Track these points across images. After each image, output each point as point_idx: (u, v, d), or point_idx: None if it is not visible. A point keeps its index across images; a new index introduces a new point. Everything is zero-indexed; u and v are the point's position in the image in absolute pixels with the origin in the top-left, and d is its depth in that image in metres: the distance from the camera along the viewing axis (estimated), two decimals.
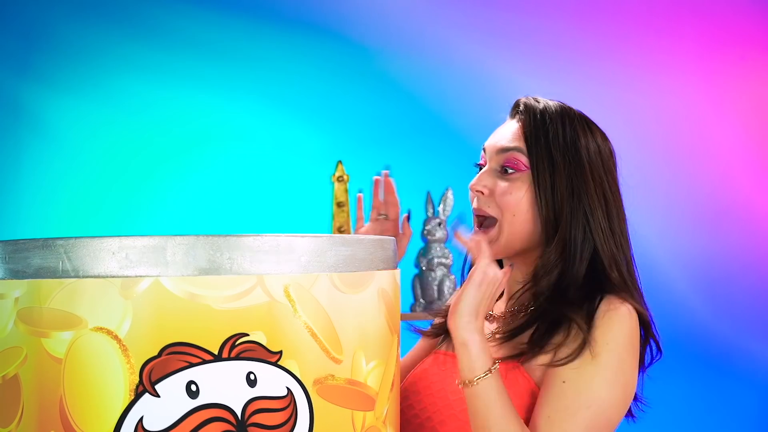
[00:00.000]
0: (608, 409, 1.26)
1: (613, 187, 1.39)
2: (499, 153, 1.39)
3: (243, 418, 0.98)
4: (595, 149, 1.38)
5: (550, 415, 1.24)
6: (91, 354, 0.96)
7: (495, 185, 1.37)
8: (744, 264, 3.31)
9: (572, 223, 1.34)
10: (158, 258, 0.97)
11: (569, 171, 1.35)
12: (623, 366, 1.28)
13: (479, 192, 1.38)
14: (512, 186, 1.36)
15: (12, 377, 1.00)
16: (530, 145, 1.36)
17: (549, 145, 1.36)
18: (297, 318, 1.01)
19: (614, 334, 1.27)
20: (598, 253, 1.35)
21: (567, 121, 1.38)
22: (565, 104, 1.43)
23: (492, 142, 1.41)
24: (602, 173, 1.38)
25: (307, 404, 1.02)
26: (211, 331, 0.97)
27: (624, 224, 1.41)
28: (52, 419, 0.97)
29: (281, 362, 1.00)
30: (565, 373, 1.26)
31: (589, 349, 1.26)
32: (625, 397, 1.29)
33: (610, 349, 1.26)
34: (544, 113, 1.38)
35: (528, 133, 1.37)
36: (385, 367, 1.13)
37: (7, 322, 1.00)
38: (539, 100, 1.43)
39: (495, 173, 1.38)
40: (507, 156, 1.37)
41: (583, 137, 1.38)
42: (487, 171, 1.39)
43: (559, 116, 1.39)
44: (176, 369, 0.96)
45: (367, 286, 1.10)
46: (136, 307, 0.96)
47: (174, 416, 0.96)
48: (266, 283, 0.99)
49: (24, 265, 0.99)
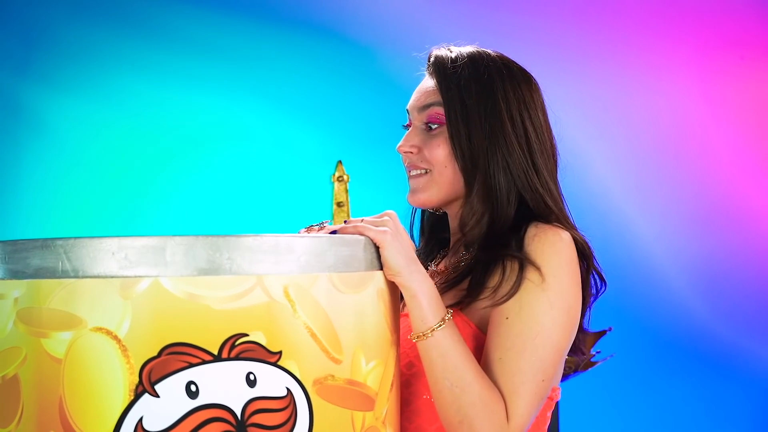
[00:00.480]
0: (554, 334, 1.24)
1: (536, 124, 1.37)
2: (420, 111, 1.40)
3: (243, 418, 0.98)
4: (511, 87, 1.37)
5: (501, 356, 1.22)
6: (90, 354, 0.96)
7: (422, 143, 1.38)
8: (743, 264, 3.32)
9: (492, 166, 1.33)
10: (158, 258, 0.97)
11: (483, 115, 1.34)
12: (562, 288, 1.25)
13: (408, 152, 1.39)
14: (438, 140, 1.37)
15: (12, 377, 1.00)
16: (443, 96, 1.37)
17: (461, 93, 1.35)
18: (296, 318, 1.01)
19: (547, 257, 1.25)
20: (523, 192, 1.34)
21: (479, 65, 1.38)
22: (481, 48, 1.42)
23: (412, 102, 1.42)
24: (521, 110, 1.36)
25: (307, 404, 1.02)
26: (211, 332, 0.97)
27: (552, 161, 1.39)
28: (52, 419, 0.97)
29: (281, 362, 1.00)
30: (507, 308, 1.24)
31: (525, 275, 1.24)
32: (569, 320, 1.26)
33: (545, 272, 1.24)
34: (455, 62, 1.39)
35: (440, 85, 1.38)
36: (385, 367, 1.13)
37: (6, 322, 1.00)
38: (452, 49, 1.43)
39: (420, 131, 1.40)
40: (428, 112, 1.38)
41: (498, 79, 1.37)
42: (412, 130, 1.40)
43: (470, 62, 1.38)
44: (176, 369, 0.96)
45: (367, 286, 1.10)
46: (136, 308, 0.96)
47: (174, 416, 0.96)
48: (266, 283, 0.99)
49: (23, 266, 0.99)
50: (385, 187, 3.12)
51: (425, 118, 1.39)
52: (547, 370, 1.23)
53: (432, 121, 1.38)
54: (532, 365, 1.21)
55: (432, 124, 1.38)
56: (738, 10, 3.33)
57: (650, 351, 3.17)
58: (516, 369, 1.21)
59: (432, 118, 1.38)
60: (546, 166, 1.36)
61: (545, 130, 1.39)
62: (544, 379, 1.22)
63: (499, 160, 1.33)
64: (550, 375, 1.24)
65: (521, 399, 1.20)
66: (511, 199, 1.33)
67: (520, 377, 1.21)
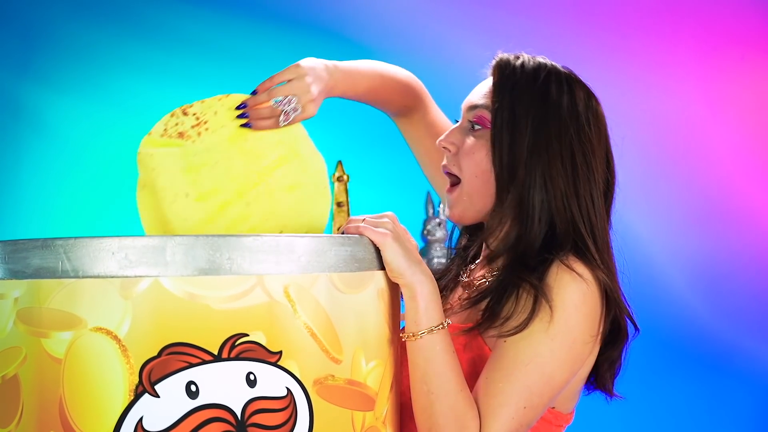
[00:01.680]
0: (549, 365, 1.19)
1: (586, 149, 1.29)
2: (469, 110, 1.36)
3: (243, 418, 0.98)
4: (569, 106, 1.30)
5: (488, 376, 1.19)
6: (90, 354, 0.96)
7: (462, 143, 1.34)
8: (743, 264, 3.31)
9: (528, 181, 1.27)
10: (158, 258, 0.97)
11: (531, 126, 1.28)
12: (569, 323, 1.20)
13: (446, 148, 1.36)
14: (476, 144, 1.32)
15: (12, 377, 1.00)
16: (495, 99, 1.31)
17: (513, 101, 1.30)
18: (297, 318, 1.01)
19: (562, 296, 1.20)
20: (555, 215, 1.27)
21: (540, 76, 1.32)
22: (551, 61, 1.37)
23: (465, 100, 1.38)
24: (573, 133, 1.28)
25: (307, 404, 1.02)
26: (211, 332, 0.97)
27: (597, 190, 1.30)
28: (52, 419, 0.97)
29: (281, 362, 1.00)
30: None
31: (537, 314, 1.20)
32: (572, 355, 1.21)
33: (556, 306, 1.20)
34: (516, 68, 1.33)
35: (495, 87, 1.33)
36: (385, 367, 1.13)
37: (6, 322, 1.00)
38: (520, 55, 1.37)
39: (464, 130, 1.35)
40: (475, 113, 1.34)
41: (556, 93, 1.31)
42: (457, 127, 1.36)
43: (532, 71, 1.33)
44: (176, 369, 0.96)
45: (367, 286, 1.10)
46: (136, 308, 0.96)
47: (174, 416, 0.96)
48: (266, 283, 0.99)
49: (23, 265, 0.99)
50: (385, 187, 3.12)
51: (472, 117, 1.34)
52: (532, 399, 1.19)
53: (476, 121, 1.33)
54: (516, 390, 1.18)
55: (476, 125, 1.33)
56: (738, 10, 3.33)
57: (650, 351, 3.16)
58: (498, 390, 1.18)
59: (477, 119, 1.33)
60: (590, 195, 1.28)
61: (598, 159, 1.31)
62: (526, 406, 1.18)
63: (537, 177, 1.26)
64: (534, 404, 1.19)
65: (496, 422, 1.16)
66: (543, 220, 1.27)
67: (500, 399, 1.17)
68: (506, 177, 1.28)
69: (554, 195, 1.27)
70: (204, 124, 1.30)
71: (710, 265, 3.29)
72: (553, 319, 1.20)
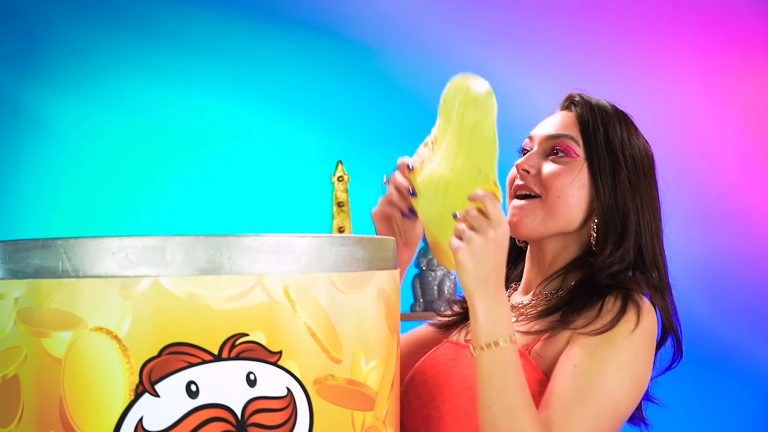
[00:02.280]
0: (616, 394, 1.23)
1: (656, 188, 1.44)
2: (549, 139, 1.40)
3: (243, 418, 0.98)
4: (643, 149, 1.42)
5: (560, 396, 1.21)
6: (91, 354, 0.96)
7: (541, 166, 1.38)
8: (744, 264, 3.32)
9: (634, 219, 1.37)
10: (158, 258, 0.97)
11: (628, 167, 1.38)
12: (638, 358, 1.26)
13: (525, 171, 1.39)
14: (563, 169, 1.37)
15: (12, 377, 1.00)
16: (587, 135, 1.38)
17: (609, 140, 1.38)
18: (297, 318, 1.01)
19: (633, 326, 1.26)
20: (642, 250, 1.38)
21: (620, 119, 1.42)
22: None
23: (542, 131, 1.42)
24: (651, 173, 1.42)
25: (307, 404, 1.02)
26: (211, 331, 0.97)
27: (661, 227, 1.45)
28: (52, 419, 0.97)
29: (281, 362, 1.00)
30: (577, 357, 1.24)
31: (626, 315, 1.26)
32: (636, 390, 1.27)
33: (624, 337, 1.25)
34: (598, 107, 1.41)
35: (584, 123, 1.39)
36: (385, 367, 1.13)
37: (7, 322, 1.00)
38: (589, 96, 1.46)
39: (542, 156, 1.40)
40: (558, 141, 1.39)
41: (634, 137, 1.42)
42: (535, 153, 1.40)
43: (614, 113, 1.42)
44: (176, 369, 0.96)
45: (367, 286, 1.10)
46: (136, 307, 0.96)
47: (174, 416, 0.96)
48: (266, 283, 0.99)
49: (24, 265, 0.99)
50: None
51: (553, 145, 1.39)
52: (601, 426, 1.21)
53: (561, 148, 1.38)
54: (589, 414, 1.20)
55: (560, 152, 1.38)
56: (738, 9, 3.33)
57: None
58: (571, 411, 1.20)
59: (562, 147, 1.38)
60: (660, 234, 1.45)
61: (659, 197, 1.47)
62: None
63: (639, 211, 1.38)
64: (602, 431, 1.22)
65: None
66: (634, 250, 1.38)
67: (574, 420, 1.19)
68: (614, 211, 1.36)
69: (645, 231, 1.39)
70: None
71: (710, 265, 3.29)
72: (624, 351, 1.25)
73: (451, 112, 1.25)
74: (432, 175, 1.27)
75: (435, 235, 1.28)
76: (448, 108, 1.26)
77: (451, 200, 1.23)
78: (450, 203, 1.23)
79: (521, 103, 2.85)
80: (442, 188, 1.24)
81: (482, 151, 1.19)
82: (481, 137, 1.19)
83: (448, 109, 1.26)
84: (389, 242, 1.19)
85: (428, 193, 1.27)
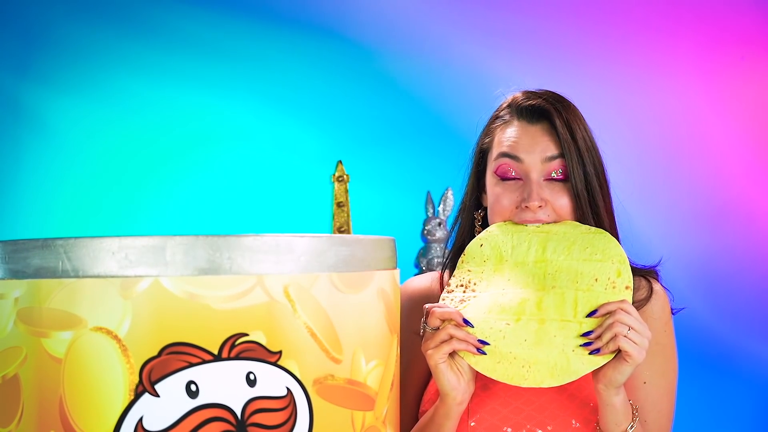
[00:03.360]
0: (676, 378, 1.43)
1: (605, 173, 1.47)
2: (543, 162, 1.39)
3: (243, 417, 0.98)
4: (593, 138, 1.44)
5: (646, 419, 1.38)
6: (90, 354, 0.96)
7: (549, 196, 1.39)
8: (744, 264, 3.31)
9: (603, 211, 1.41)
10: (158, 258, 0.97)
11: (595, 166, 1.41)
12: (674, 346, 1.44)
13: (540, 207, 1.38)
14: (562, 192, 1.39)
15: (12, 377, 1.00)
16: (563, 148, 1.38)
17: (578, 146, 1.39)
18: (296, 318, 1.01)
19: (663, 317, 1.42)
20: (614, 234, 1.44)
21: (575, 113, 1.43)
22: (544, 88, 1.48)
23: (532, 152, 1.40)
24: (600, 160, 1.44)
25: (307, 404, 1.02)
26: (211, 331, 0.97)
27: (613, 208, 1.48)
28: (52, 419, 0.97)
29: (281, 362, 1.00)
30: (643, 373, 1.38)
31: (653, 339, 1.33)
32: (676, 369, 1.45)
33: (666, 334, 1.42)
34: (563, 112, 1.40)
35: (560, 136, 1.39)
36: (385, 367, 1.13)
37: (6, 322, 1.00)
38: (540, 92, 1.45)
39: (544, 184, 1.39)
40: (554, 164, 1.39)
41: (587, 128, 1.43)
42: (538, 183, 1.39)
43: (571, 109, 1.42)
44: (176, 369, 0.96)
45: (367, 286, 1.10)
46: (136, 307, 0.96)
47: (174, 416, 0.96)
48: (266, 283, 0.99)
49: (24, 265, 0.99)
50: (385, 187, 3.12)
51: (550, 169, 1.39)
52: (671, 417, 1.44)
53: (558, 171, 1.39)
54: (670, 422, 1.43)
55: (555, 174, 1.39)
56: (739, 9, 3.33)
57: None
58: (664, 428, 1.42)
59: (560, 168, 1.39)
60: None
61: None
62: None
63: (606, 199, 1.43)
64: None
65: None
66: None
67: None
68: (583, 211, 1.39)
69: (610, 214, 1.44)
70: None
71: (710, 265, 3.29)
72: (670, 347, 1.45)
73: (498, 253, 1.35)
74: (499, 303, 1.30)
75: (532, 353, 1.26)
76: (491, 251, 1.36)
77: (556, 313, 1.27)
78: (556, 316, 1.27)
79: None
80: (531, 307, 1.28)
81: (596, 263, 1.29)
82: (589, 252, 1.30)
83: (488, 253, 1.36)
84: (389, 242, 1.19)
85: (507, 317, 1.29)
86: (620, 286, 1.24)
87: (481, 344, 1.25)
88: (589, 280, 1.25)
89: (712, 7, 3.33)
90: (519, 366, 1.25)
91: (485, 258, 1.35)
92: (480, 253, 1.36)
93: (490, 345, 1.26)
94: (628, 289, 1.24)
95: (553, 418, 1.33)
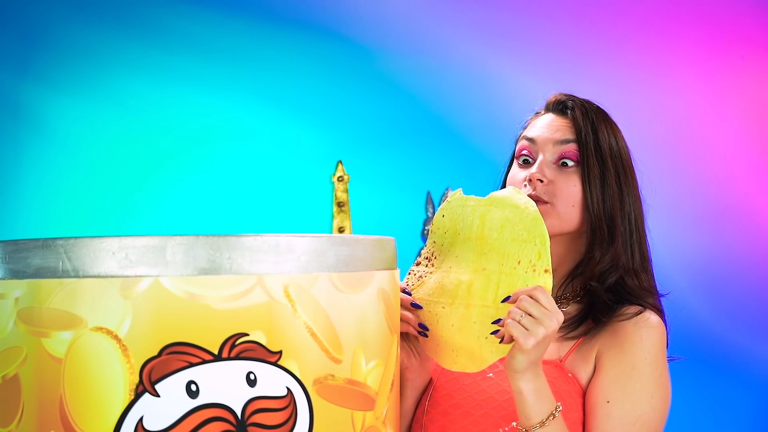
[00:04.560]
0: (652, 420, 1.31)
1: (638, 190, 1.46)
2: (557, 145, 1.41)
3: (243, 417, 0.98)
4: (625, 151, 1.45)
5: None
6: (91, 354, 0.96)
7: (555, 177, 1.39)
8: (744, 264, 3.31)
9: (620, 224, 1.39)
10: (158, 258, 0.97)
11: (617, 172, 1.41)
12: (661, 378, 1.34)
13: (539, 180, 1.39)
14: (573, 178, 1.39)
15: (12, 377, 1.00)
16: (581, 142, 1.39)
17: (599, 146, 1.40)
18: (297, 318, 1.01)
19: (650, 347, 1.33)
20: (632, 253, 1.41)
21: (606, 121, 1.43)
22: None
23: (547, 135, 1.42)
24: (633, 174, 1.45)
25: (307, 404, 1.02)
26: (211, 331, 0.97)
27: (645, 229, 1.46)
28: (52, 419, 0.97)
29: (281, 362, 1.00)
30: (609, 392, 1.30)
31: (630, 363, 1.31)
32: (664, 407, 1.34)
33: (648, 363, 1.32)
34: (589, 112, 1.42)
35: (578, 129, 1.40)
36: (385, 367, 1.13)
37: (7, 322, 1.00)
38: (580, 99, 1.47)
39: (553, 166, 1.40)
40: (567, 148, 1.40)
41: (619, 139, 1.44)
42: (546, 161, 1.40)
43: (601, 116, 1.43)
44: (176, 369, 0.96)
45: (367, 286, 1.10)
46: (136, 307, 0.96)
47: (174, 416, 0.96)
48: (266, 282, 0.99)
49: (24, 265, 0.99)
50: (385, 187, 3.12)
51: (561, 152, 1.40)
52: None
53: (569, 157, 1.40)
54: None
55: (569, 161, 1.39)
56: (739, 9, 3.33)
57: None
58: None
59: (570, 153, 1.39)
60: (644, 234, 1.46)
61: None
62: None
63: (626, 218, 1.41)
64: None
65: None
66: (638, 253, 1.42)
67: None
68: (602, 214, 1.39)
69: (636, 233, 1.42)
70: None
71: (711, 265, 3.29)
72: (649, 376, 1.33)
73: (455, 225, 1.33)
74: (442, 283, 1.31)
75: (456, 338, 1.28)
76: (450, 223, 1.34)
77: (479, 298, 1.26)
78: (479, 301, 1.26)
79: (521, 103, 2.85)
80: (463, 290, 1.28)
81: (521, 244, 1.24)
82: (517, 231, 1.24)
83: (448, 225, 1.34)
84: (389, 242, 1.19)
85: (444, 300, 1.30)
86: (540, 269, 1.22)
87: (421, 328, 1.29)
88: (512, 263, 1.24)
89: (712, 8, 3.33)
90: (450, 350, 1.28)
91: (445, 230, 1.35)
92: (442, 224, 1.36)
93: (429, 330, 1.30)
94: (547, 272, 1.20)
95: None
